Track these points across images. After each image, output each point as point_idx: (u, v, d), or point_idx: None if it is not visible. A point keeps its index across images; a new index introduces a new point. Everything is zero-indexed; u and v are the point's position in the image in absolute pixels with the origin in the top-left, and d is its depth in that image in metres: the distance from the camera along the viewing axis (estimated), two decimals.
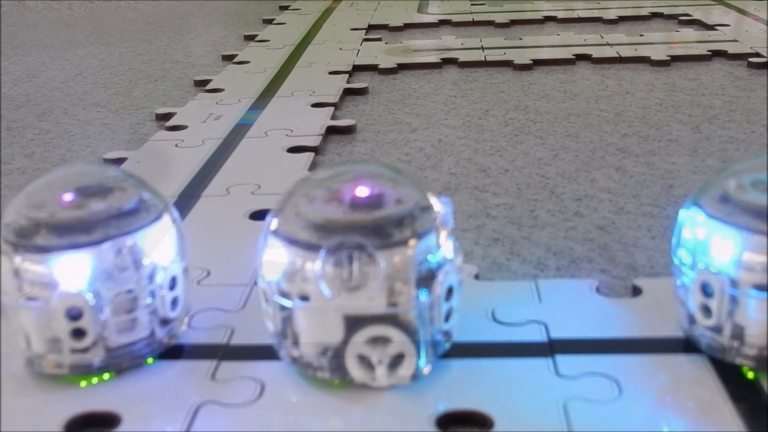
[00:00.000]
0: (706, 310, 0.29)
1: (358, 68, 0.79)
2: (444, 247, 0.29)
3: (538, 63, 0.78)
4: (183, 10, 1.23)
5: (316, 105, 0.66)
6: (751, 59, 0.75)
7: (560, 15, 1.02)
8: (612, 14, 1.01)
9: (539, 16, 1.01)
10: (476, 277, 0.37)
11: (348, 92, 0.70)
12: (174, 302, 0.31)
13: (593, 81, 0.72)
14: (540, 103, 0.66)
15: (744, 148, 0.54)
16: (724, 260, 0.28)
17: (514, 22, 0.99)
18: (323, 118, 0.62)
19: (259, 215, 0.44)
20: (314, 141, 0.56)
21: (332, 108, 0.65)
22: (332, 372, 0.28)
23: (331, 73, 0.76)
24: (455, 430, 0.27)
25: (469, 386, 0.29)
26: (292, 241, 0.28)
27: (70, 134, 0.63)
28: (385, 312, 0.27)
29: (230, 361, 0.31)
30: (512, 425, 0.27)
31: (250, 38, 0.96)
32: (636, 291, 0.35)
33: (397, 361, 0.28)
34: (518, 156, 0.54)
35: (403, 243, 0.27)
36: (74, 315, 0.29)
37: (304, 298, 0.28)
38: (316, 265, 0.27)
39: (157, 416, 0.28)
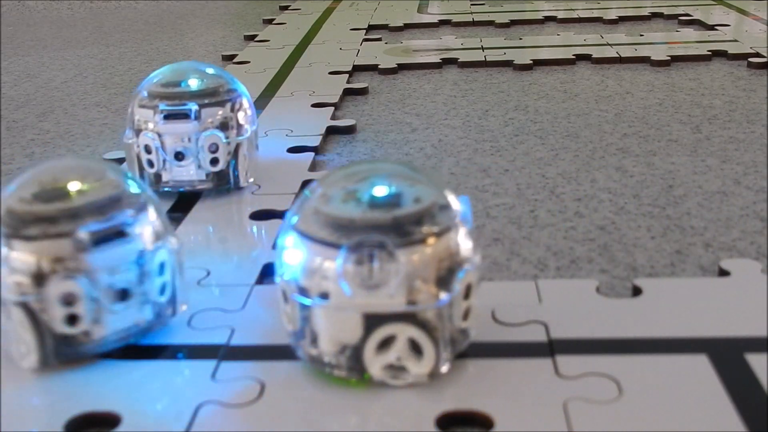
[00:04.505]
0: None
1: (358, 68, 0.79)
2: (463, 245, 0.29)
3: (538, 63, 0.78)
4: (183, 10, 1.23)
5: (316, 105, 0.66)
6: (751, 59, 0.75)
7: (560, 15, 1.02)
8: (612, 14, 1.01)
9: (539, 16, 1.01)
10: None
11: (348, 92, 0.70)
12: (162, 288, 0.32)
13: (593, 81, 0.72)
14: (540, 103, 0.66)
15: (744, 148, 0.54)
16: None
17: (514, 22, 0.99)
18: (323, 118, 0.62)
19: (259, 215, 0.44)
20: (314, 141, 0.56)
21: (332, 108, 0.65)
22: (350, 370, 0.28)
23: (331, 73, 0.76)
24: (455, 430, 0.27)
25: (469, 386, 0.29)
26: (312, 240, 0.28)
27: (70, 134, 0.63)
28: (404, 310, 0.28)
29: (230, 361, 0.31)
30: (512, 425, 0.27)
31: (250, 38, 0.96)
32: (636, 291, 0.35)
33: (415, 359, 0.28)
34: (518, 156, 0.54)
35: (423, 241, 0.28)
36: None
37: (324, 296, 0.28)
38: (336, 264, 0.27)
39: (157, 416, 0.28)
